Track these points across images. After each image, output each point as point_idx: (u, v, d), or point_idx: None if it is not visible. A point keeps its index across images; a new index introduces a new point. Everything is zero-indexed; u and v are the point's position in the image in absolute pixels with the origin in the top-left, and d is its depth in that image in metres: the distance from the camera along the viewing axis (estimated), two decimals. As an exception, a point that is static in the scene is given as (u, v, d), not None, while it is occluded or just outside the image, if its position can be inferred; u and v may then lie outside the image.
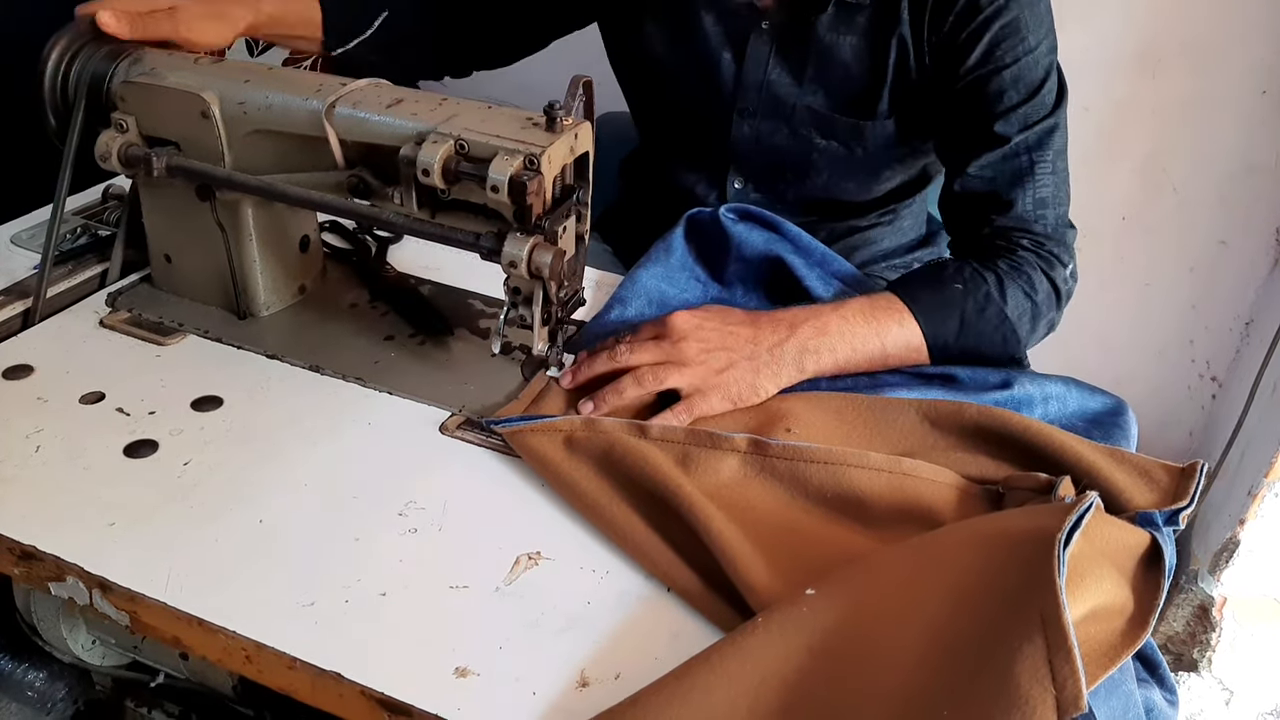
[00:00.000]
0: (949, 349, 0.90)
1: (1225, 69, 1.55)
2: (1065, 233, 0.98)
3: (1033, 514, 0.67)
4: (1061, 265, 0.96)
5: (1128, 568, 0.66)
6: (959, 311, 0.90)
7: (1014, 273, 0.94)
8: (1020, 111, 0.95)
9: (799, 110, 1.04)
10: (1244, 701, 1.61)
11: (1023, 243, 0.96)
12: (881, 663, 0.58)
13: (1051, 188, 0.97)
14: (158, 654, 0.85)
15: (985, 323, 0.91)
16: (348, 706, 0.61)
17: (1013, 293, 0.92)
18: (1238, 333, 1.71)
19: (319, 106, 0.79)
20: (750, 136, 1.08)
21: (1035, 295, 0.93)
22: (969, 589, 0.60)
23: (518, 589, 0.66)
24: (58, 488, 0.72)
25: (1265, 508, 1.52)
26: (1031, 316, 0.94)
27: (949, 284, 0.92)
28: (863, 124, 1.03)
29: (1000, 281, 0.93)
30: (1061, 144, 0.97)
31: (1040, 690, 0.52)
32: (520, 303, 0.77)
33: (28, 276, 0.94)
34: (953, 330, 0.90)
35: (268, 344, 0.88)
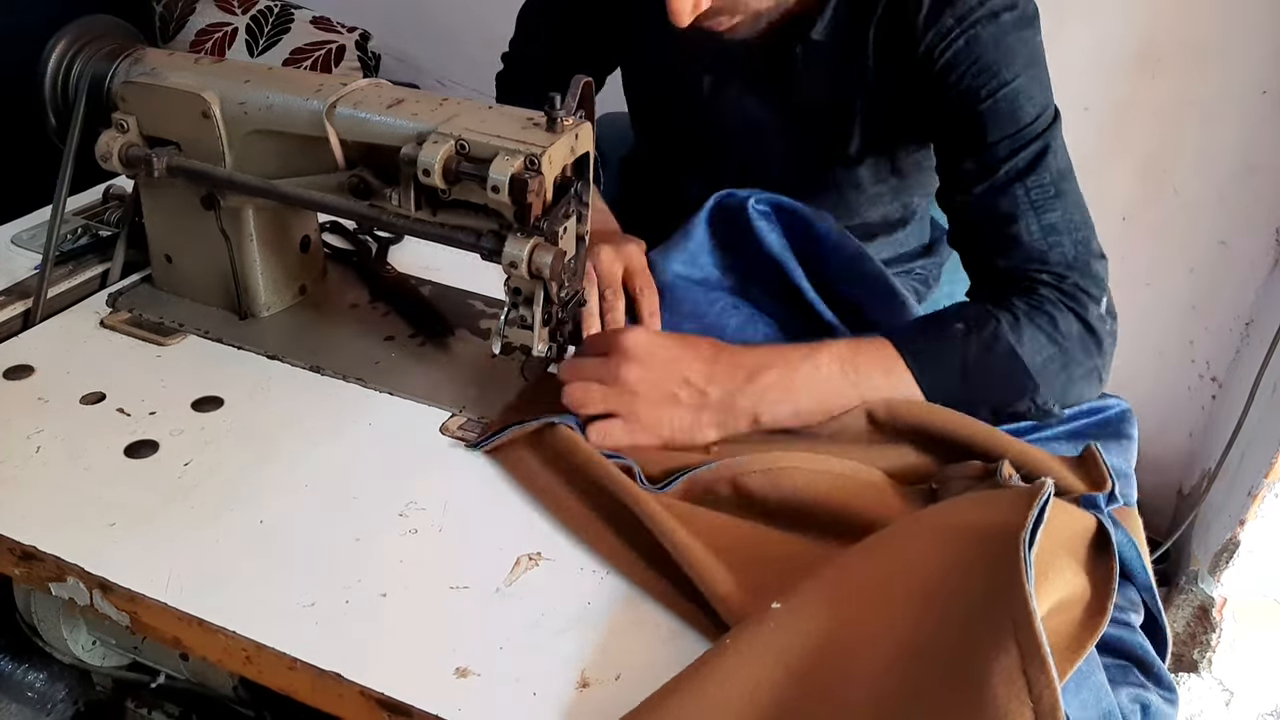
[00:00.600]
0: (952, 398, 0.80)
1: (1225, 69, 1.55)
2: (1091, 263, 0.87)
3: (992, 504, 0.66)
4: (1093, 301, 0.85)
5: (1081, 554, 0.65)
6: (960, 353, 0.81)
7: (1033, 312, 0.83)
8: (1004, 143, 0.87)
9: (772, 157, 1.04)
10: (1244, 702, 1.61)
11: (1041, 278, 0.85)
12: (854, 675, 0.57)
13: (1060, 212, 0.86)
14: (158, 654, 0.85)
15: (994, 364, 0.80)
16: (348, 707, 0.61)
17: (1030, 334, 0.82)
18: (1238, 333, 1.71)
19: (319, 107, 0.79)
20: (735, 172, 1.05)
21: (1061, 339, 0.82)
22: (935, 593, 0.60)
23: (518, 589, 0.66)
24: (58, 488, 0.72)
25: (1265, 508, 1.52)
26: (1062, 364, 0.82)
27: (949, 324, 0.83)
28: (834, 172, 1.02)
29: (1016, 321, 0.82)
30: (1061, 166, 0.88)
31: (1018, 704, 0.51)
32: (521, 303, 0.77)
33: (28, 277, 0.94)
34: (954, 374, 0.80)
35: (268, 344, 0.88)
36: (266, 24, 2.02)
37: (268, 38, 2.00)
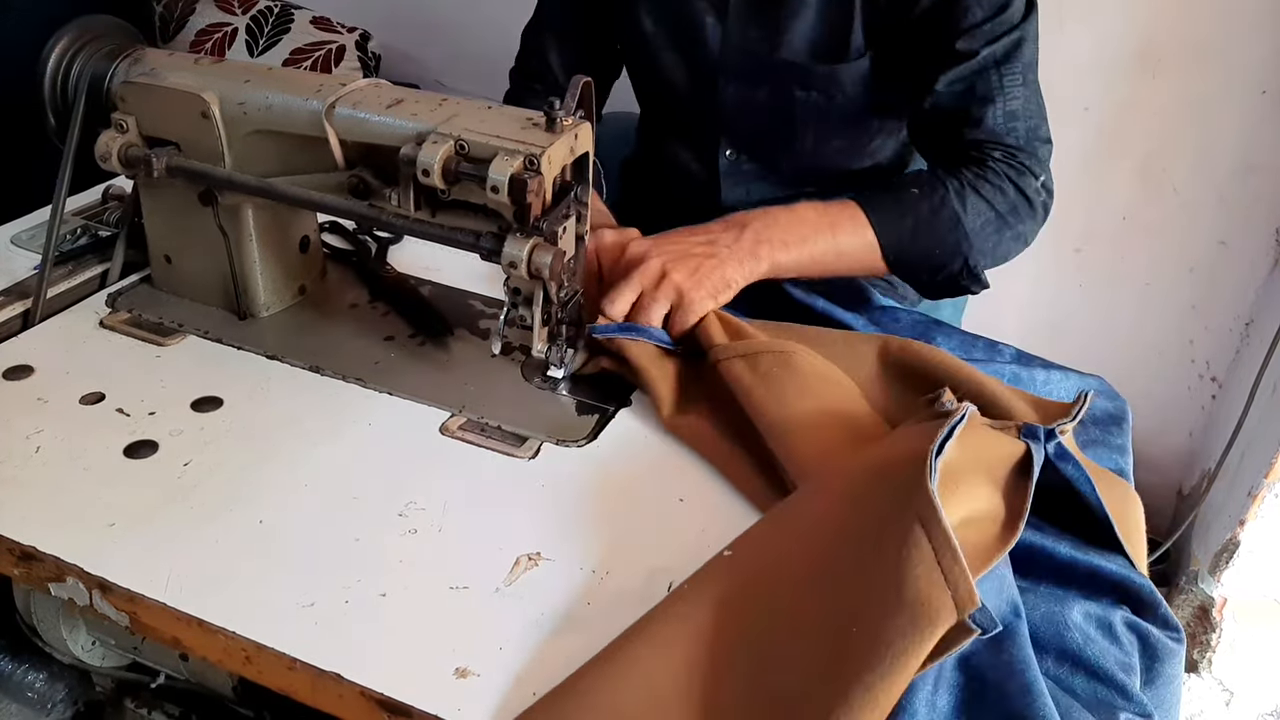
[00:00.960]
0: (903, 251, 0.94)
1: (1225, 69, 1.55)
2: (1038, 146, 1.00)
3: (914, 434, 0.69)
4: (1032, 176, 0.98)
5: (1000, 476, 0.68)
6: (912, 214, 0.94)
7: (979, 181, 0.96)
8: (985, 27, 0.96)
9: (776, 65, 1.06)
10: (1244, 702, 1.62)
11: (993, 154, 0.98)
12: (789, 604, 0.61)
13: (1022, 100, 0.98)
14: (158, 655, 0.85)
15: (939, 224, 0.94)
16: (348, 707, 0.61)
17: (973, 201, 0.95)
18: (1238, 333, 1.71)
19: (319, 107, 0.79)
20: (735, 100, 1.09)
21: (998, 205, 0.96)
22: (854, 518, 0.64)
23: (518, 589, 0.66)
24: (58, 488, 0.72)
25: (1265, 508, 1.52)
26: (996, 227, 0.96)
27: (906, 188, 0.96)
28: (837, 68, 1.04)
29: (961, 189, 0.95)
30: (1031, 57, 0.98)
31: (939, 591, 0.54)
32: (520, 303, 0.77)
33: (28, 277, 0.94)
34: (906, 231, 0.93)
35: (268, 344, 0.88)
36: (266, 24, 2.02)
37: (268, 38, 2.00)
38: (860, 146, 1.13)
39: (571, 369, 0.86)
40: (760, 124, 1.11)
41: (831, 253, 0.92)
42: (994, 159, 0.97)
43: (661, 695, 0.58)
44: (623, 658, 0.59)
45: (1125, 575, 0.68)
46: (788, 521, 0.68)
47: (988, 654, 0.59)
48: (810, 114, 1.08)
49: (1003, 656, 0.59)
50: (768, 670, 0.58)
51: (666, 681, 0.58)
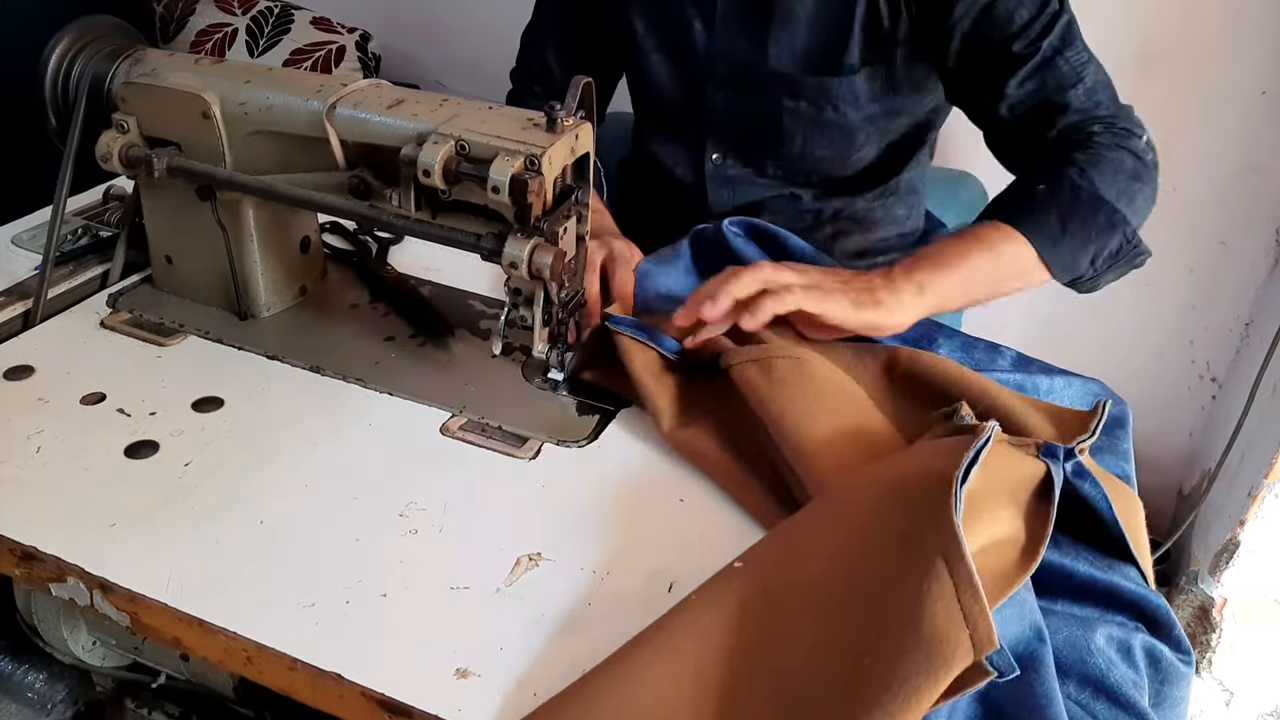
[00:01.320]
0: (1059, 247, 0.88)
1: (1225, 69, 1.55)
2: (1127, 111, 0.98)
3: (932, 452, 0.68)
4: (1136, 137, 0.95)
5: (1022, 499, 0.67)
6: (1055, 208, 0.89)
7: (1094, 158, 0.92)
8: (1036, 24, 0.94)
9: (765, 74, 1.05)
10: (1244, 702, 1.61)
11: (1093, 129, 0.94)
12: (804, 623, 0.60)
13: (1093, 75, 0.96)
14: (158, 655, 0.85)
15: (1083, 209, 0.89)
16: (348, 707, 0.61)
17: (1100, 176, 0.90)
18: (1238, 333, 1.71)
19: (320, 107, 0.79)
20: (723, 105, 1.09)
21: (1125, 171, 0.92)
22: (875, 539, 0.62)
23: (518, 589, 0.66)
24: (58, 488, 0.72)
25: (1265, 509, 1.52)
26: (1130, 194, 0.92)
27: (1031, 189, 0.92)
28: (828, 81, 1.03)
29: (1083, 171, 0.91)
30: (1078, 30, 0.97)
31: (956, 630, 0.53)
32: (521, 304, 0.77)
33: (29, 277, 0.94)
34: (1055, 227, 0.88)
35: (268, 345, 0.88)
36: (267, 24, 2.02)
37: (268, 38, 2.00)
38: (847, 153, 1.12)
39: (567, 373, 0.85)
40: (747, 130, 1.11)
41: (991, 269, 0.88)
42: (1096, 134, 0.94)
43: (668, 705, 0.57)
44: (630, 665, 0.59)
45: (1142, 594, 0.68)
46: (803, 536, 0.67)
47: (1008, 686, 0.58)
48: (798, 123, 1.07)
49: (1023, 689, 0.58)
50: (779, 688, 0.58)
51: (674, 691, 0.58)
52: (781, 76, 1.04)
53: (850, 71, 1.02)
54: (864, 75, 1.03)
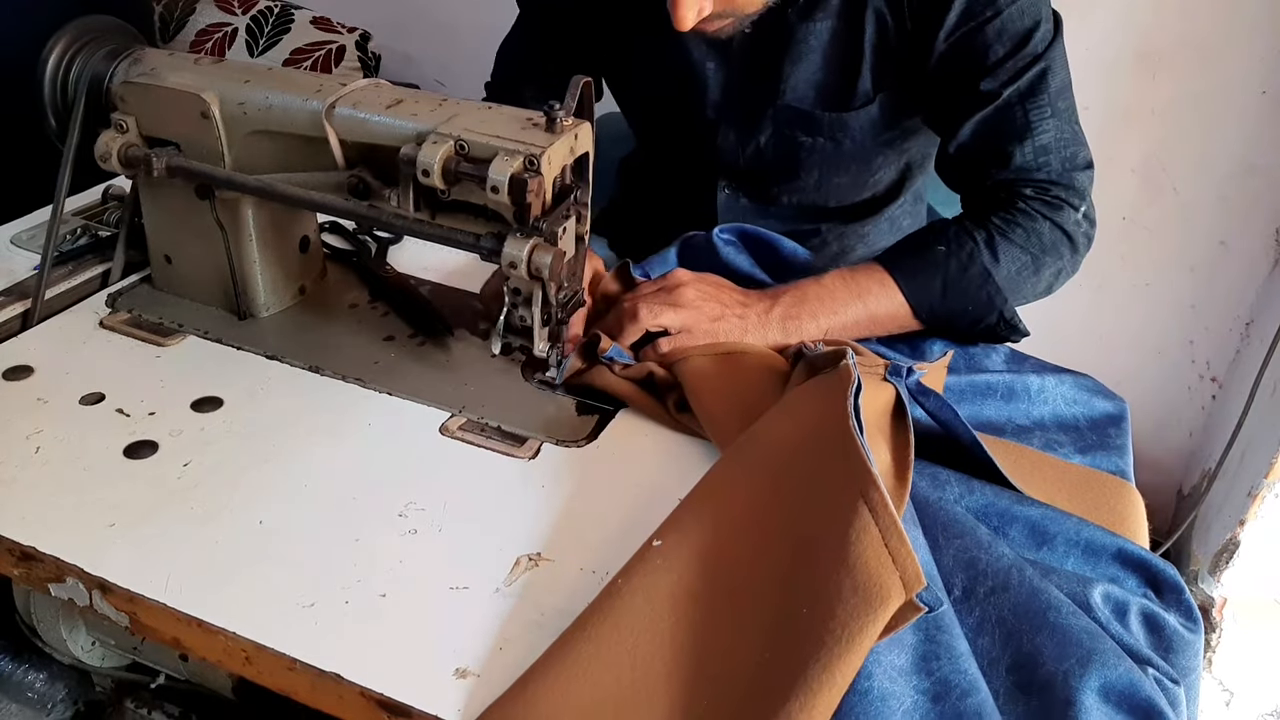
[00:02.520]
0: (935, 311, 0.92)
1: (1225, 69, 1.55)
2: (1074, 176, 0.95)
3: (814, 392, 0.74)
4: (1071, 209, 0.94)
5: (885, 427, 0.72)
6: (941, 273, 0.91)
7: (1009, 226, 0.92)
8: (1007, 64, 0.92)
9: (779, 111, 1.03)
10: (1244, 702, 1.61)
11: (1024, 192, 0.94)
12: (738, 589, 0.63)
13: (1054, 132, 0.93)
14: (158, 655, 0.85)
15: (969, 282, 0.91)
16: (347, 707, 0.61)
17: (1004, 249, 0.92)
18: (1238, 333, 1.71)
19: (319, 107, 0.79)
20: (735, 144, 1.07)
21: (1031, 248, 0.93)
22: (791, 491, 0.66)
23: (518, 590, 0.66)
24: (58, 488, 0.72)
25: (1265, 508, 1.52)
26: (1033, 270, 0.93)
27: (932, 246, 0.93)
28: (845, 116, 1.02)
29: (991, 239, 0.92)
30: (1060, 83, 0.94)
31: (887, 573, 0.57)
32: (520, 304, 0.77)
33: (28, 277, 0.94)
34: (936, 292, 0.91)
35: (268, 345, 0.88)
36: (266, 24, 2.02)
37: (268, 38, 2.01)
38: (863, 180, 1.11)
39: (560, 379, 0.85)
40: (760, 167, 1.09)
41: (864, 319, 0.91)
42: (1026, 197, 0.94)
43: (610, 694, 0.58)
44: (566, 660, 0.59)
45: (1151, 557, 0.69)
46: (715, 503, 0.69)
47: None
48: (814, 157, 1.06)
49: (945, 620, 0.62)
50: (718, 659, 0.59)
51: (614, 681, 0.58)
52: (796, 112, 1.03)
53: (865, 102, 1.01)
54: (878, 104, 1.01)
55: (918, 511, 0.69)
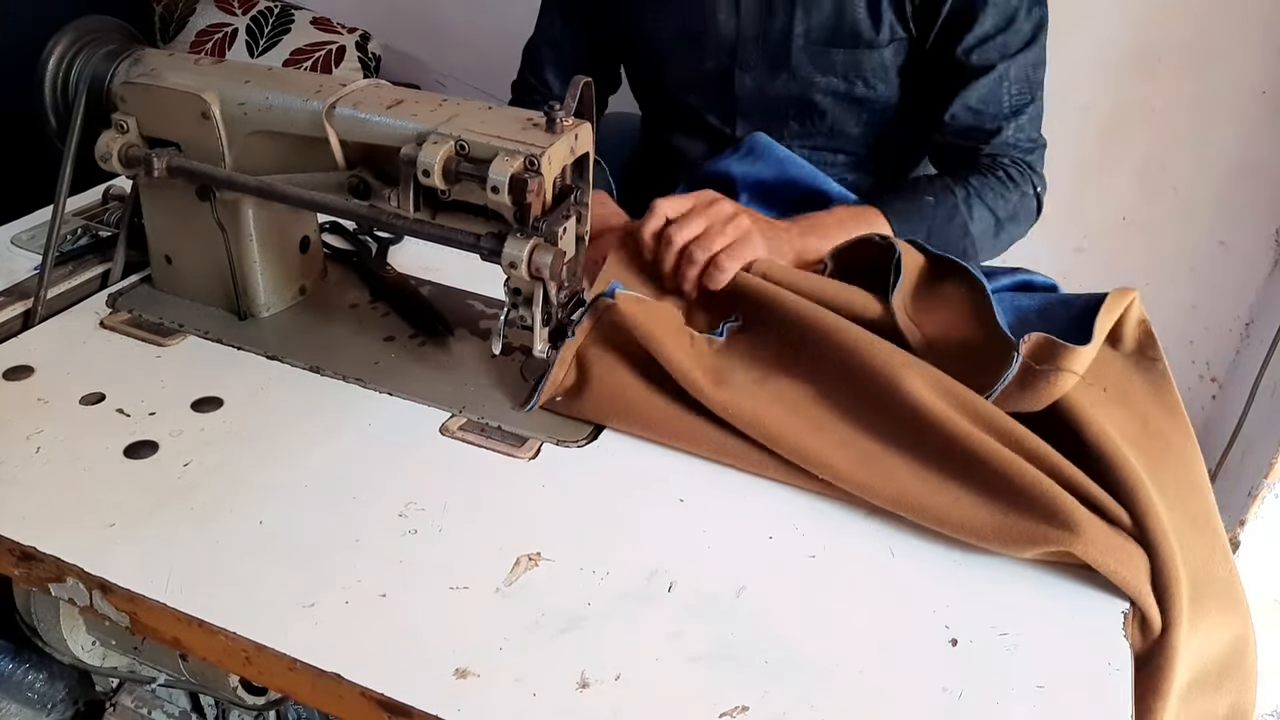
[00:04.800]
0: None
1: (1225, 69, 1.55)
2: (1039, 152, 1.09)
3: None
4: (1033, 183, 1.08)
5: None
6: (927, 221, 1.01)
7: (984, 188, 1.04)
8: (997, 39, 1.02)
9: (795, 52, 1.07)
10: (1244, 702, 1.61)
11: (1004, 162, 1.06)
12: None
13: (1030, 114, 1.06)
14: (158, 655, 0.85)
15: (950, 233, 1.02)
16: (347, 708, 0.61)
17: (978, 208, 1.04)
18: (1238, 333, 1.71)
19: (319, 107, 0.79)
20: (753, 89, 1.11)
21: (999, 211, 1.05)
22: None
23: (518, 590, 0.66)
24: (58, 489, 0.72)
25: (1265, 509, 1.52)
26: (995, 231, 1.06)
27: (921, 195, 1.03)
28: (859, 54, 1.06)
29: (969, 197, 1.04)
30: (1041, 75, 1.06)
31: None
32: (521, 304, 0.77)
33: (28, 277, 0.94)
34: (921, 237, 0.96)
35: (268, 345, 0.88)
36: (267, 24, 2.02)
37: (268, 38, 2.01)
38: (874, 133, 1.14)
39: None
40: (777, 112, 1.12)
41: None
42: (1004, 166, 1.05)
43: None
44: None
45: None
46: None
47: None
48: (829, 99, 1.10)
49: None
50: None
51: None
52: (812, 52, 1.07)
53: (880, 45, 1.06)
54: (892, 50, 1.06)
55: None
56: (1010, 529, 0.69)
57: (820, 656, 0.63)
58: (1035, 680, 0.62)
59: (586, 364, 0.83)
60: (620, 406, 0.80)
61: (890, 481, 0.73)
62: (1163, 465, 0.75)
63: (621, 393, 0.81)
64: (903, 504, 0.72)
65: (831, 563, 0.70)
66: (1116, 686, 0.63)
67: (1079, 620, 0.67)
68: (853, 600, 0.68)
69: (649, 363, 0.81)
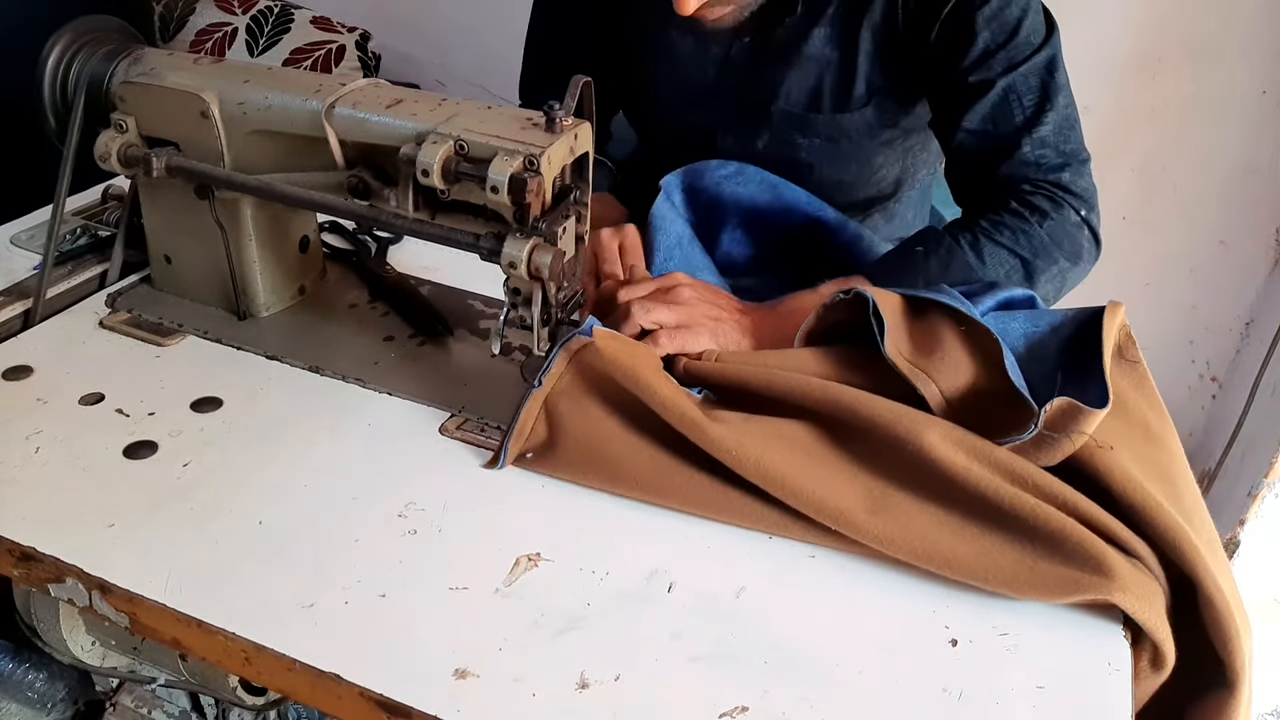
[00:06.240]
0: None
1: (1225, 69, 1.55)
2: (1074, 174, 0.94)
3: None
4: (1071, 209, 0.93)
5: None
6: (921, 274, 0.90)
7: (996, 229, 0.92)
8: (999, 55, 0.92)
9: (775, 114, 1.05)
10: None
11: (1023, 189, 0.93)
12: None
13: (1052, 125, 0.93)
14: (158, 655, 0.85)
15: (951, 279, 0.89)
16: (347, 708, 0.61)
17: (990, 252, 0.91)
18: (1238, 333, 1.71)
19: (318, 107, 0.79)
20: (735, 149, 1.09)
21: (1022, 250, 0.91)
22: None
23: (517, 590, 0.66)
24: (57, 489, 0.72)
25: (1265, 508, 1.52)
26: (1024, 274, 0.92)
27: (910, 249, 0.92)
28: (840, 117, 1.03)
29: (975, 241, 0.91)
30: (1058, 81, 0.94)
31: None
32: (520, 303, 0.77)
33: (28, 277, 0.94)
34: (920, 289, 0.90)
35: (267, 344, 0.88)
36: (266, 24, 2.02)
37: (268, 38, 2.01)
38: (864, 178, 1.12)
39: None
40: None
41: None
42: (1024, 194, 0.93)
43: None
44: None
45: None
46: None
47: None
48: (813, 158, 1.08)
49: None
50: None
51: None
52: (793, 116, 1.04)
53: (859, 105, 1.02)
54: (873, 106, 1.02)
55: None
56: (1044, 577, 0.66)
57: (820, 656, 0.63)
58: (1035, 680, 0.62)
59: (558, 415, 0.77)
60: (601, 464, 0.74)
61: (909, 530, 0.69)
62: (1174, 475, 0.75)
63: (603, 447, 0.75)
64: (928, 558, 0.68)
65: (831, 563, 0.70)
66: (1116, 686, 0.63)
67: (1079, 620, 0.67)
68: (853, 600, 0.68)
69: (634, 410, 0.75)
